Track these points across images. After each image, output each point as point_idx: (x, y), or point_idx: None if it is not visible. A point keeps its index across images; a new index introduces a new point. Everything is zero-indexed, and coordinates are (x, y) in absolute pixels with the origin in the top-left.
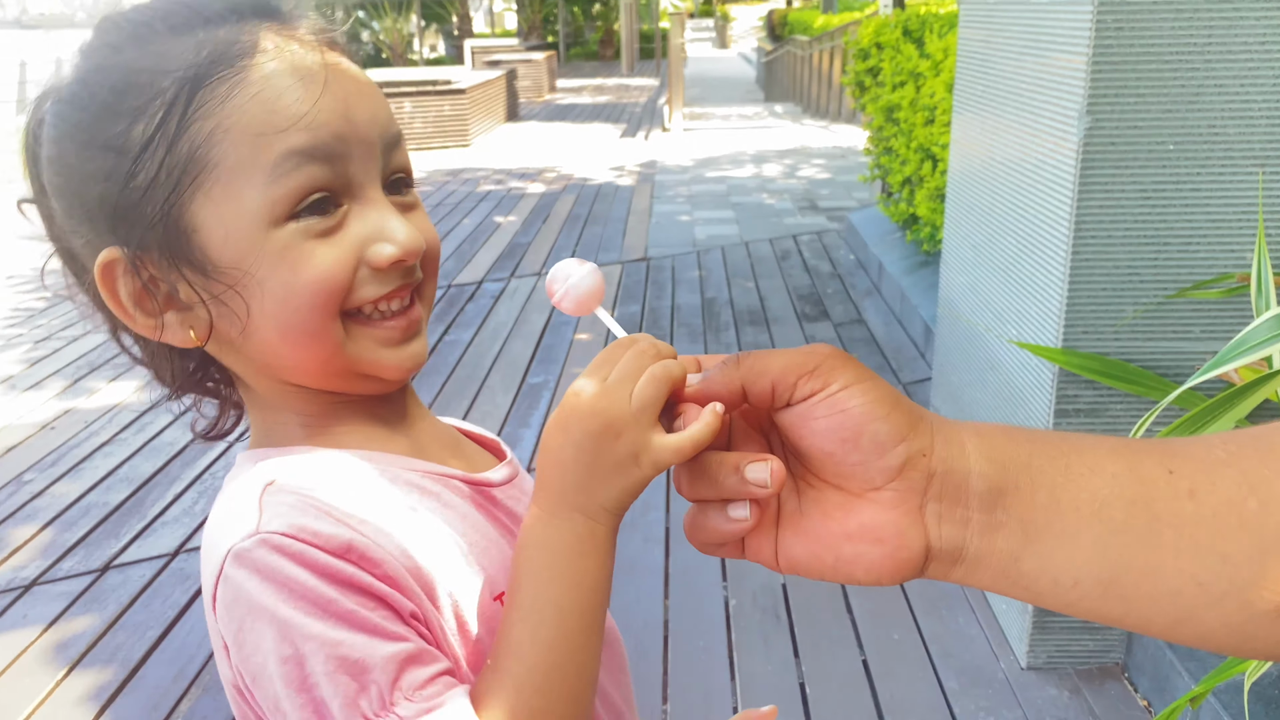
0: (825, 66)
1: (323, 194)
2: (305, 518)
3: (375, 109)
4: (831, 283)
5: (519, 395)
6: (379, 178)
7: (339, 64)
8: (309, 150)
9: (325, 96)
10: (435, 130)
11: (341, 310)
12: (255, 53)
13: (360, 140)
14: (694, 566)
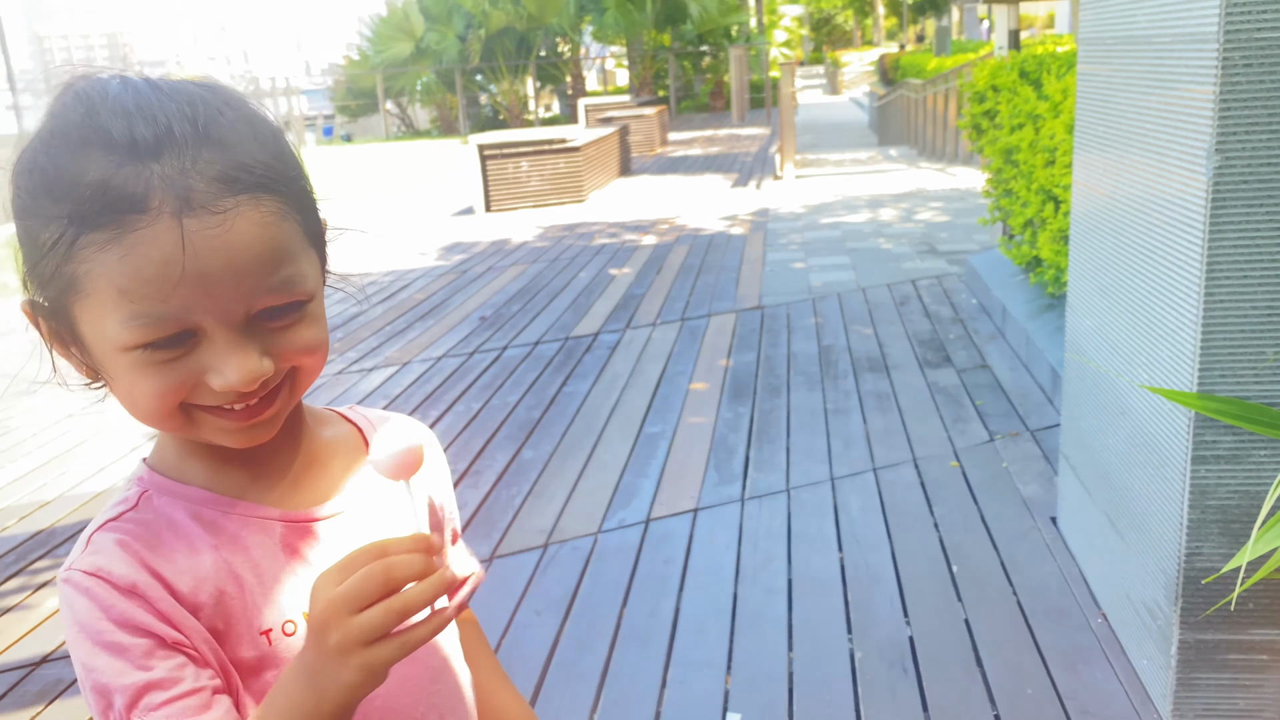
0: (940, 109)
1: (167, 337)
2: (109, 559)
3: (237, 271)
4: (953, 328)
5: (636, 445)
6: (234, 324)
7: (213, 223)
8: (154, 315)
9: (173, 270)
10: (551, 187)
11: (186, 405)
12: (137, 213)
13: (212, 303)
14: (817, 619)
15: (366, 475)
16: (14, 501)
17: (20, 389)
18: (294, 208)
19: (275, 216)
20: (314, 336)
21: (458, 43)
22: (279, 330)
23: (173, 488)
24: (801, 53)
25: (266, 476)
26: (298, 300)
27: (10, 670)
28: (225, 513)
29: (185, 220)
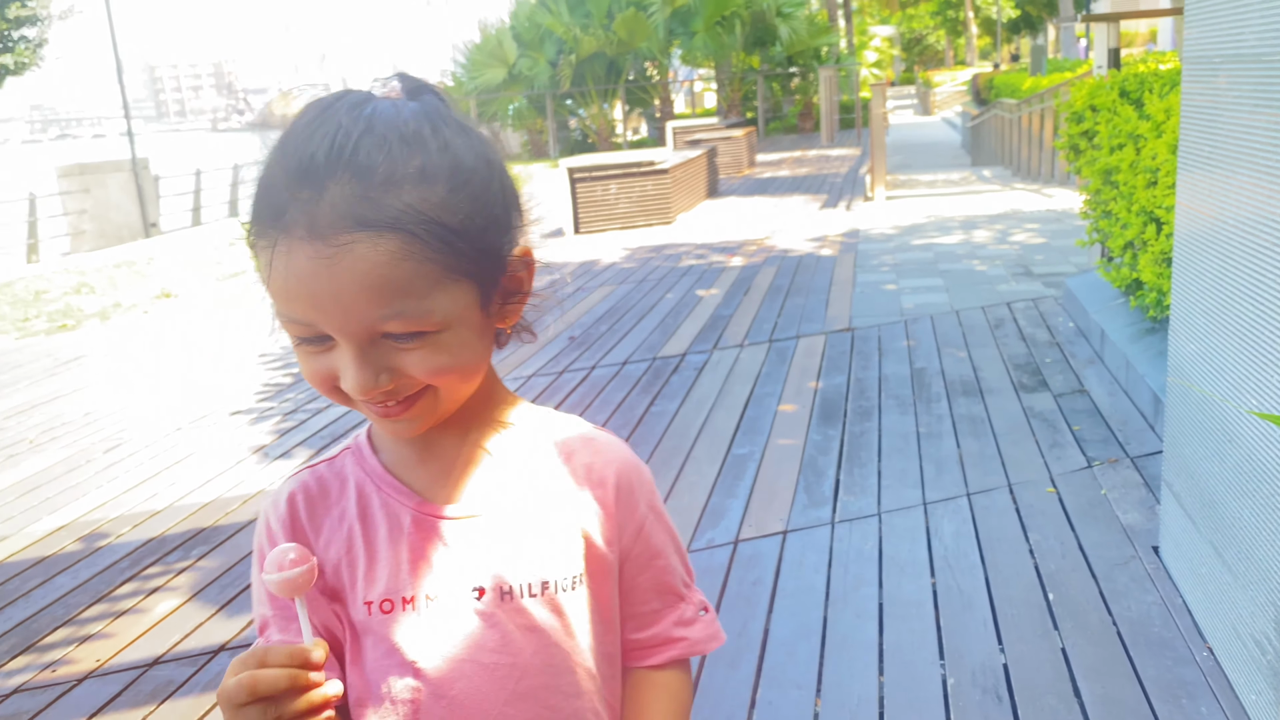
0: (1035, 129)
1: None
2: (277, 502)
3: (344, 306)
4: (1049, 351)
5: (724, 466)
6: (352, 340)
7: (331, 256)
8: (289, 319)
9: (298, 288)
10: (639, 209)
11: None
12: (281, 230)
13: (327, 322)
14: (908, 643)
15: (511, 483)
16: (126, 510)
17: (133, 404)
18: (431, 248)
19: (394, 256)
20: (438, 363)
21: (549, 68)
22: (404, 351)
23: (364, 455)
24: (892, 73)
25: (425, 465)
26: (419, 330)
27: (125, 670)
28: (379, 488)
29: (305, 245)
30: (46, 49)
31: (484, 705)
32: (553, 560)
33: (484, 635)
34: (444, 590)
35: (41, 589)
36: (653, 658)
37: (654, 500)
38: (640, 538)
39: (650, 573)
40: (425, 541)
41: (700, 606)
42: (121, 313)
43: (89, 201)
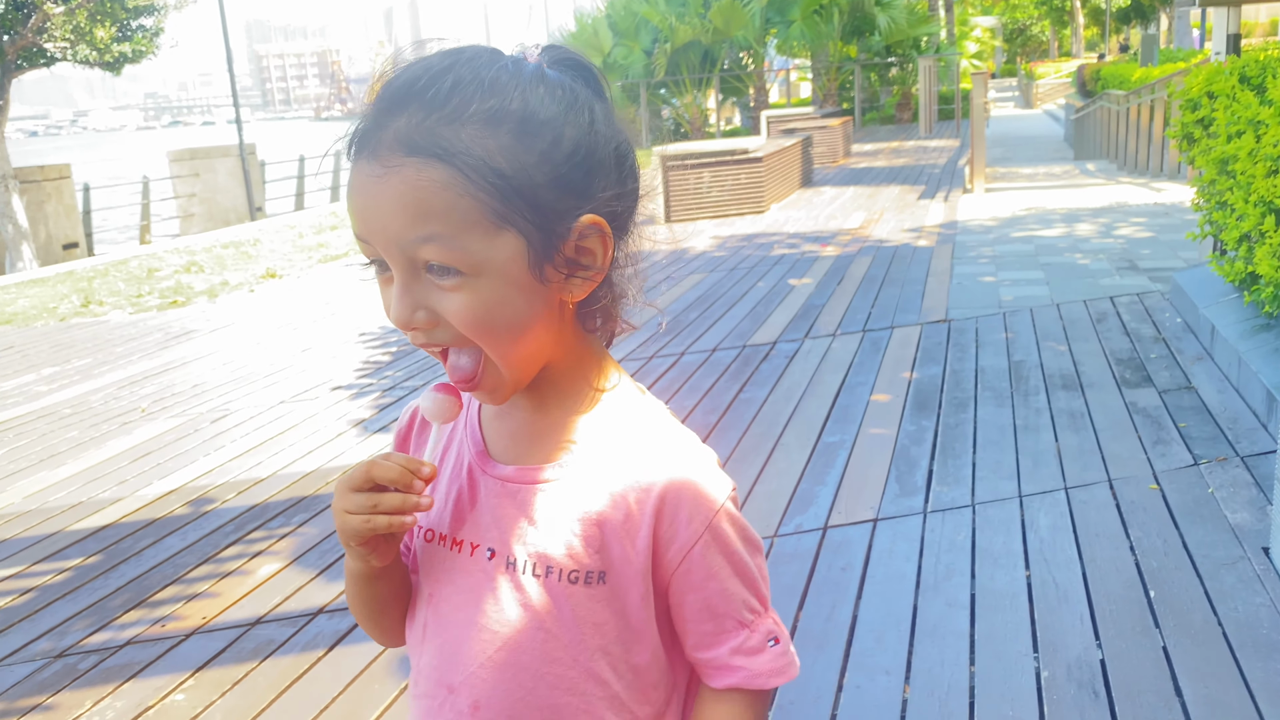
0: (1144, 120)
1: (377, 259)
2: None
3: (385, 223)
4: (1155, 347)
5: (814, 454)
6: (400, 266)
7: (379, 175)
8: (356, 234)
9: (356, 202)
10: (731, 198)
11: None
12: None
13: (375, 239)
14: (1001, 634)
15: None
16: (232, 477)
17: (239, 378)
18: (475, 185)
19: (435, 184)
20: (472, 311)
21: (644, 57)
22: (442, 290)
23: None
24: (993, 65)
25: (500, 421)
26: (454, 267)
27: (229, 629)
28: (463, 427)
29: (365, 165)
30: (162, 38)
31: (463, 659)
32: (569, 549)
33: (483, 596)
34: (468, 540)
35: (152, 549)
36: (713, 680)
37: (716, 520)
38: (690, 558)
39: (701, 595)
40: (472, 491)
41: (769, 636)
42: (228, 291)
43: (198, 185)
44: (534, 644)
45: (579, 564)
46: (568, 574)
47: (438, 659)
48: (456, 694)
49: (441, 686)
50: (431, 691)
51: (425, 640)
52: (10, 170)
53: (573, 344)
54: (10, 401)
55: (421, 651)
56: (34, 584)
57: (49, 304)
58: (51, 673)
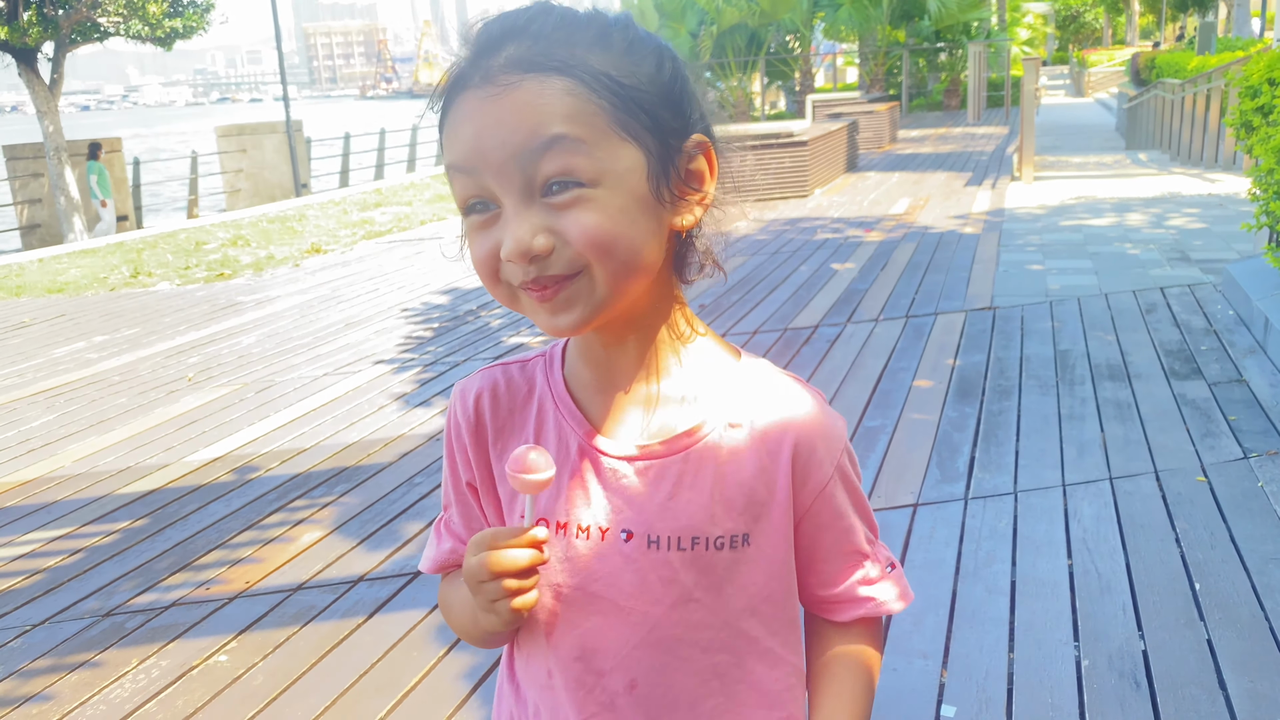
0: (1200, 110)
1: (478, 200)
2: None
3: (506, 134)
4: (1206, 339)
5: (854, 437)
6: (514, 189)
7: (494, 95)
8: (455, 165)
9: (462, 128)
10: (775, 181)
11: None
12: (453, 89)
13: (487, 164)
14: (1041, 622)
15: (683, 429)
16: (276, 447)
17: (284, 350)
18: (598, 94)
19: (559, 92)
20: (593, 222)
21: (689, 39)
22: (560, 209)
23: (553, 368)
24: (1044, 52)
25: (603, 394)
26: (574, 178)
27: (271, 593)
28: (556, 407)
29: (476, 92)
30: (213, 14)
31: (613, 644)
32: (711, 517)
33: (625, 578)
34: (595, 525)
35: (197, 514)
36: (839, 614)
37: (841, 459)
38: (822, 497)
39: (832, 534)
40: (587, 473)
41: (887, 563)
42: (274, 265)
43: (245, 161)
44: (686, 616)
45: (723, 530)
46: (713, 541)
47: (580, 649)
48: (608, 677)
49: (589, 674)
50: (577, 682)
51: (556, 634)
52: (63, 143)
53: (665, 288)
54: (62, 368)
55: (550, 646)
56: (83, 545)
57: (99, 274)
58: (99, 630)
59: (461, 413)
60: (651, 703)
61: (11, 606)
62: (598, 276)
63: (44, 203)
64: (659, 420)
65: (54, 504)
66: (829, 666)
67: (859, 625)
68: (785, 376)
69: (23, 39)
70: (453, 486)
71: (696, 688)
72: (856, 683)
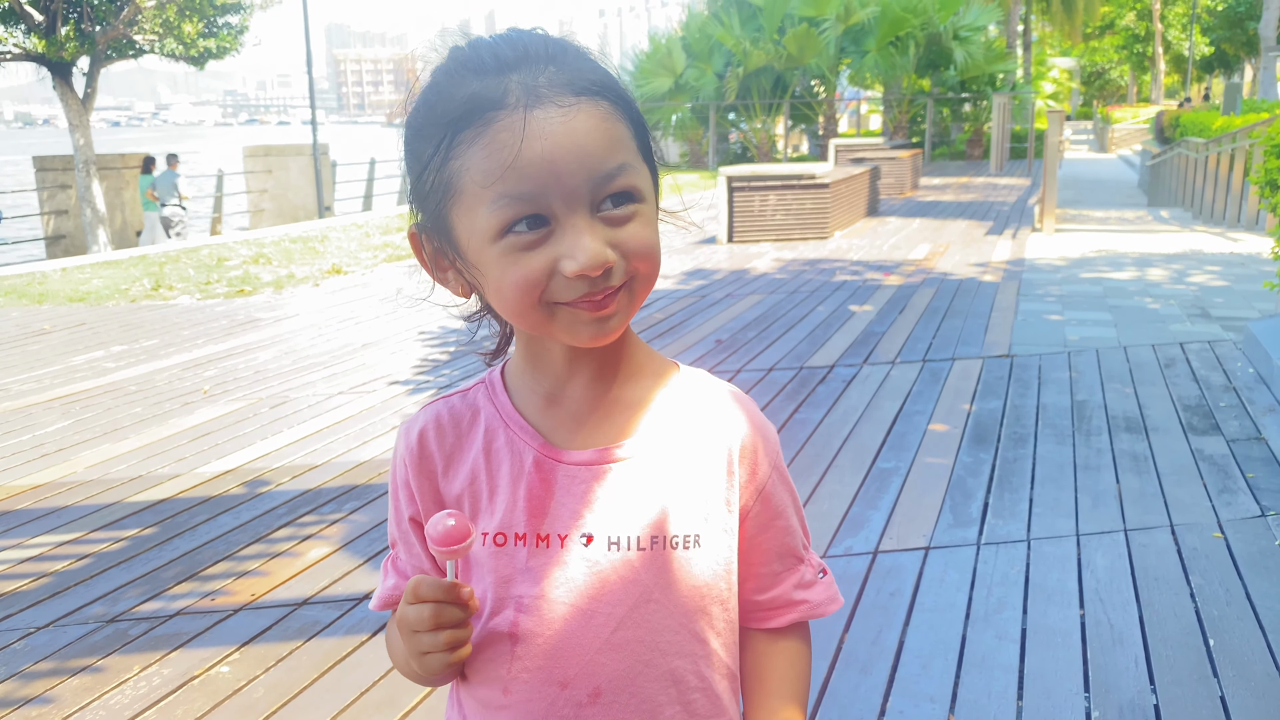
0: (1224, 169)
1: (528, 218)
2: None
3: (581, 153)
4: (1225, 395)
5: (868, 478)
6: (583, 206)
7: (560, 115)
8: (513, 194)
9: (531, 153)
10: (796, 222)
11: (547, 302)
12: (496, 109)
13: (559, 182)
14: (1051, 671)
15: (634, 435)
16: (287, 462)
17: (300, 367)
18: (626, 118)
19: (610, 116)
20: (648, 237)
21: (715, 80)
22: (618, 224)
23: (495, 391)
24: (1069, 106)
25: (553, 409)
26: (633, 192)
27: (277, 607)
28: (506, 425)
29: (534, 111)
30: (246, 35)
31: (578, 649)
32: (669, 515)
33: (586, 582)
34: (555, 533)
35: (206, 525)
36: (773, 620)
37: (778, 460)
38: (762, 497)
39: (771, 533)
40: (544, 483)
41: (819, 569)
42: (294, 284)
43: (270, 182)
44: (646, 617)
45: (678, 530)
46: (669, 541)
47: (543, 659)
48: (571, 687)
49: (551, 685)
50: (536, 694)
51: (519, 646)
52: (93, 156)
53: None
54: (79, 375)
55: (511, 658)
56: (91, 550)
57: (121, 285)
58: (103, 636)
59: (405, 449)
60: (614, 711)
61: (17, 608)
62: (636, 288)
63: (70, 214)
64: (611, 425)
65: (64, 509)
66: (765, 668)
67: (793, 632)
68: (724, 383)
69: (59, 53)
70: (396, 525)
71: (657, 694)
72: (792, 696)
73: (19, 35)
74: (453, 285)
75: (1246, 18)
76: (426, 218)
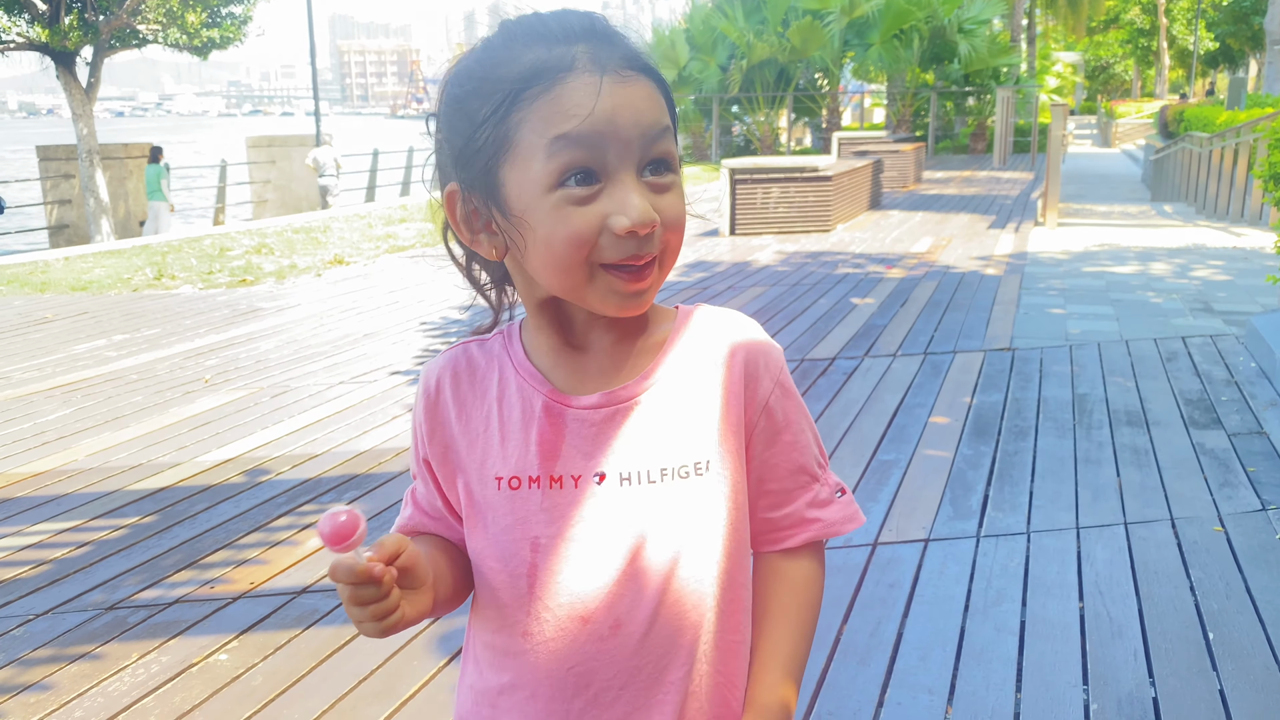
0: (1228, 164)
1: (583, 172)
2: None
3: (638, 115)
4: (1226, 389)
5: (868, 470)
6: (633, 165)
7: (621, 81)
8: (572, 137)
9: (596, 102)
10: (798, 215)
11: (593, 262)
12: (564, 71)
13: (617, 136)
14: (1050, 663)
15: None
16: (288, 451)
17: (301, 356)
18: (665, 99)
19: (658, 93)
20: (682, 209)
21: (719, 72)
22: (659, 192)
23: (511, 342)
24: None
25: (563, 356)
26: (671, 161)
27: (276, 595)
28: (517, 373)
29: (604, 77)
30: (250, 26)
31: (597, 583)
32: (675, 447)
33: (602, 517)
34: (568, 474)
35: (206, 514)
36: (786, 540)
37: (782, 376)
38: (766, 411)
39: (779, 448)
40: (554, 428)
41: (836, 488)
42: (296, 274)
43: (274, 173)
44: (662, 546)
45: (686, 459)
46: (678, 471)
47: (563, 597)
48: (592, 621)
49: (573, 621)
50: (558, 632)
51: (538, 586)
52: (96, 146)
53: None
54: (81, 364)
55: (530, 599)
56: (91, 538)
57: (123, 275)
58: (102, 624)
59: (423, 393)
60: (636, 640)
61: (16, 595)
62: (665, 261)
63: (74, 204)
64: (616, 368)
65: (64, 497)
66: (775, 593)
67: (806, 554)
68: (724, 310)
69: (63, 42)
70: (415, 461)
71: (676, 619)
72: (800, 619)
73: (23, 24)
74: (483, 247)
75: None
76: (472, 175)
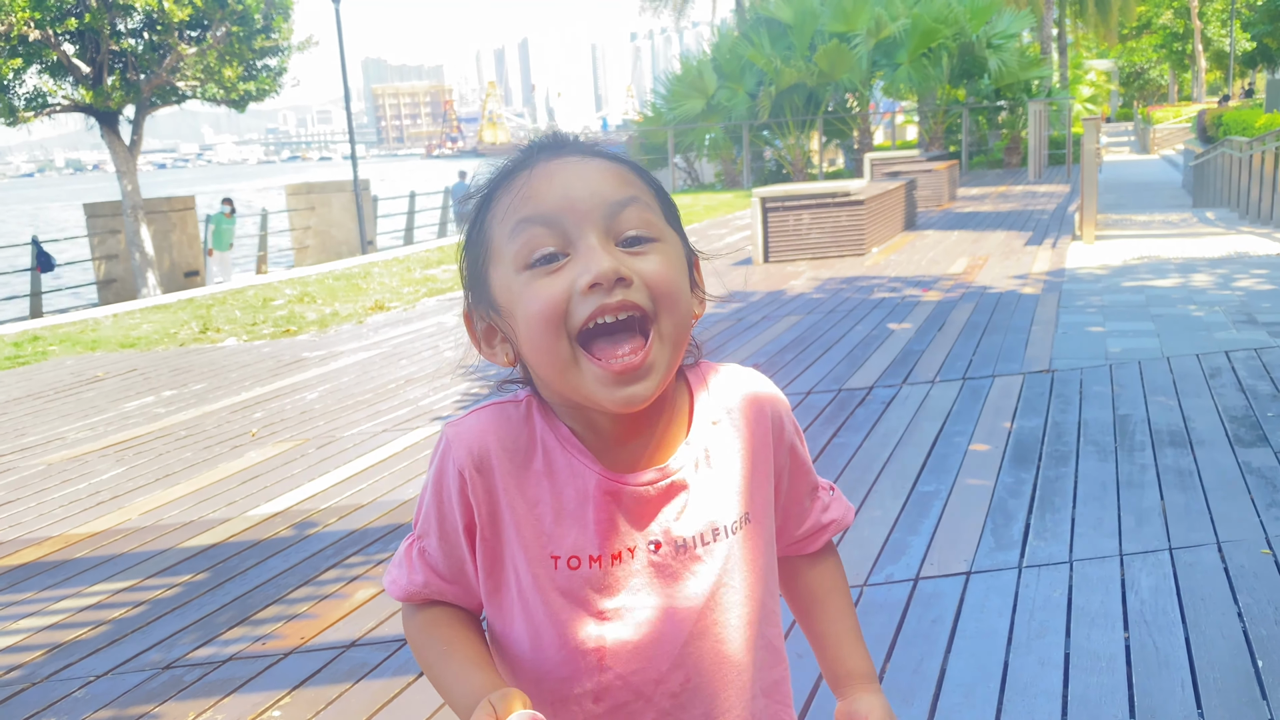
0: (1269, 168)
1: (548, 250)
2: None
3: (595, 186)
4: (1273, 405)
5: (908, 503)
6: (596, 232)
7: (578, 162)
8: (532, 217)
9: (549, 184)
10: (831, 240)
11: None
12: (523, 171)
13: (574, 210)
14: (1096, 697)
15: (684, 443)
16: (334, 503)
17: (345, 406)
18: (648, 184)
19: (627, 171)
20: (664, 265)
21: (748, 99)
22: (634, 256)
23: (546, 410)
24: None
25: (607, 430)
26: (649, 234)
27: (326, 650)
28: (563, 447)
29: (557, 159)
30: (285, 77)
31: (666, 647)
32: (723, 507)
33: (664, 585)
34: (624, 549)
35: (256, 569)
36: (811, 546)
37: (790, 415)
38: (793, 454)
39: (798, 477)
40: (611, 506)
41: (827, 488)
42: (338, 322)
43: (314, 219)
44: (721, 600)
45: (732, 515)
46: (729, 529)
47: (634, 664)
48: (664, 681)
49: (646, 684)
50: (631, 696)
51: (606, 656)
52: (140, 201)
53: None
54: (131, 421)
55: (600, 669)
56: (146, 597)
57: (170, 329)
58: (159, 683)
59: (468, 460)
60: (706, 690)
61: (77, 657)
62: (665, 331)
63: (120, 259)
64: (658, 442)
65: (120, 556)
66: (817, 594)
67: (827, 548)
68: (734, 367)
69: (106, 102)
70: (437, 522)
71: (737, 662)
72: (847, 600)
73: (68, 87)
74: (499, 356)
75: None
76: (474, 291)
